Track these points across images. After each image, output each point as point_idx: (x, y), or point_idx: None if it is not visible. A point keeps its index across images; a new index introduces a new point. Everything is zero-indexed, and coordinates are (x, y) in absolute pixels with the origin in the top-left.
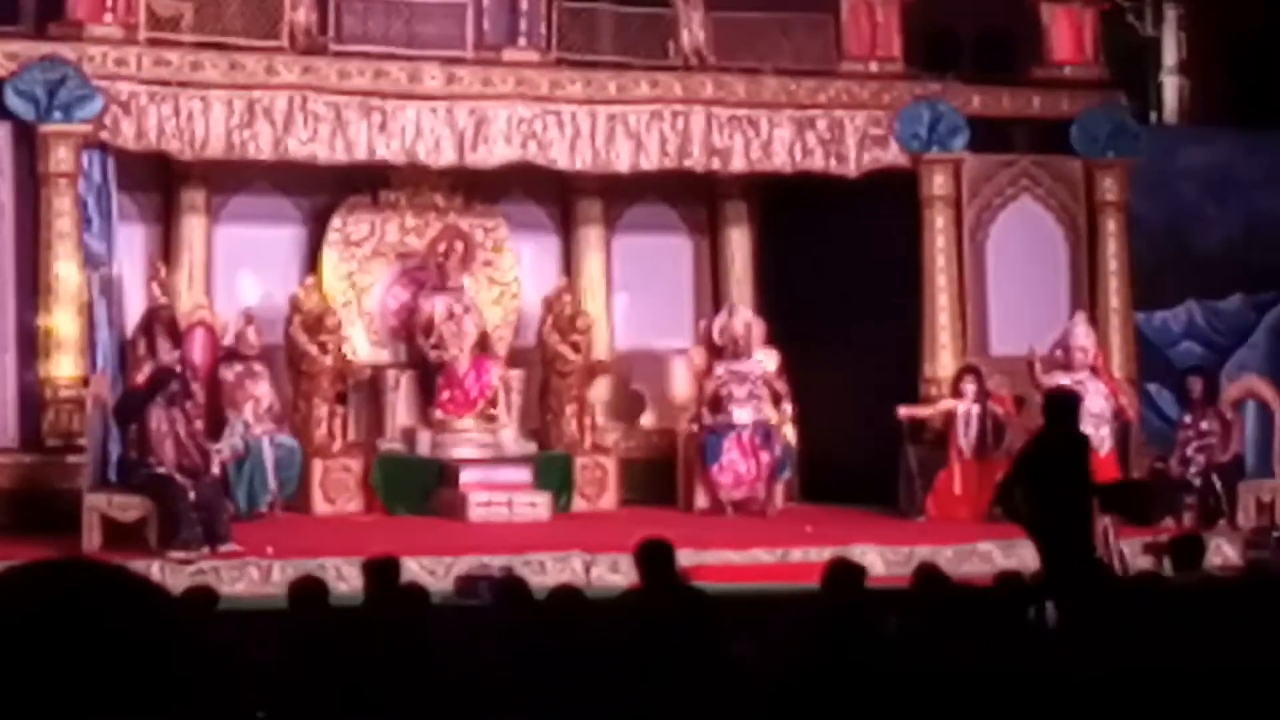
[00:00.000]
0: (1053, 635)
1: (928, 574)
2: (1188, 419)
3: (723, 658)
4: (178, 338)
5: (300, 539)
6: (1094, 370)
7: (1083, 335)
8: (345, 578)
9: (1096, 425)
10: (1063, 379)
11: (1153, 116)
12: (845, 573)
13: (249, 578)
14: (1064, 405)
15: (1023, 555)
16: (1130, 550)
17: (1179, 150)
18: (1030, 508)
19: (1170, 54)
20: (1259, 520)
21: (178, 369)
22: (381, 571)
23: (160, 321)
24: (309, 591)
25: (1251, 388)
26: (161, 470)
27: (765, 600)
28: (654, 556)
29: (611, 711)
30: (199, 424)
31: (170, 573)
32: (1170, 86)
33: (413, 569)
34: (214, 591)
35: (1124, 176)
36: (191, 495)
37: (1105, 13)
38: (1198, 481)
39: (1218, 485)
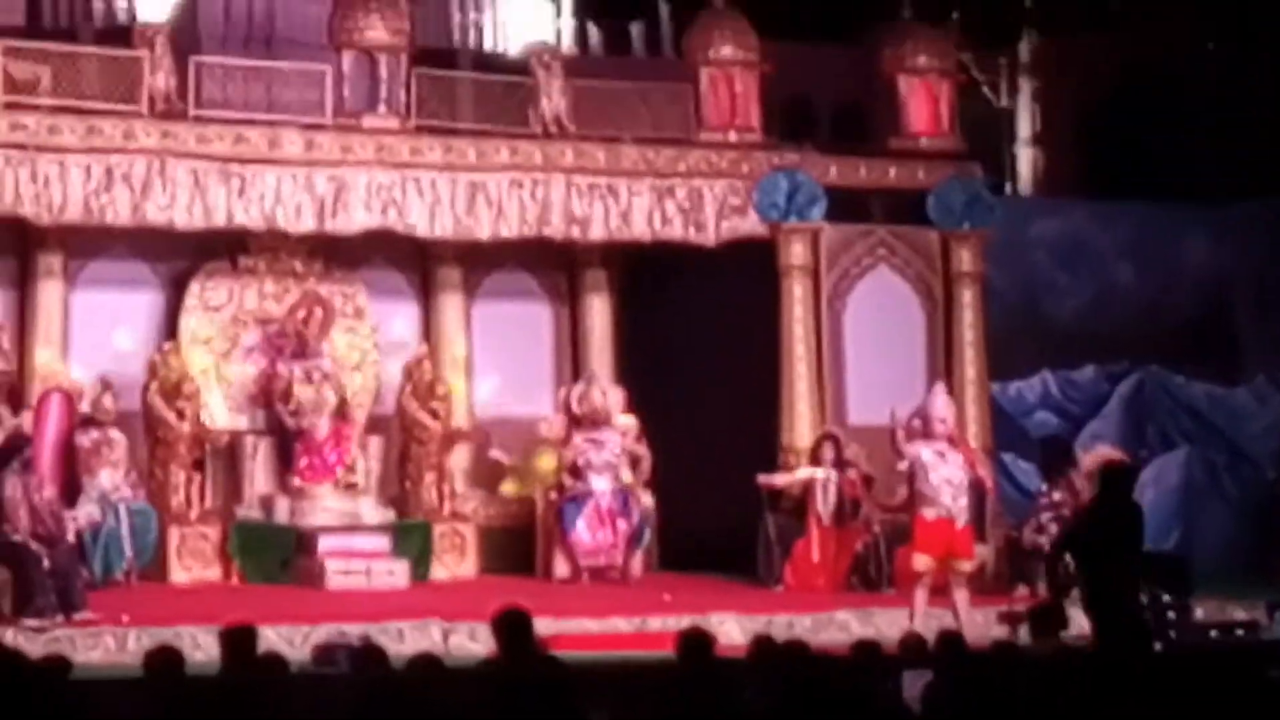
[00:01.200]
0: (908, 710)
1: (782, 646)
2: (1044, 488)
3: None
4: (18, 404)
5: (157, 607)
6: (951, 440)
7: (942, 405)
8: (202, 646)
9: (954, 496)
10: (923, 448)
11: (1007, 187)
12: (697, 643)
13: (104, 646)
14: (1121, 475)
15: (879, 624)
16: (985, 620)
17: (1033, 221)
18: (1084, 578)
19: (1025, 126)
20: None
21: (29, 435)
22: (238, 640)
23: (0, 388)
24: (165, 661)
25: (1104, 459)
26: (16, 538)
27: (623, 669)
28: (511, 626)
29: None
30: (51, 491)
31: (25, 640)
32: (1025, 158)
33: (270, 638)
34: (67, 660)
35: (979, 247)
36: (46, 563)
37: (961, 85)
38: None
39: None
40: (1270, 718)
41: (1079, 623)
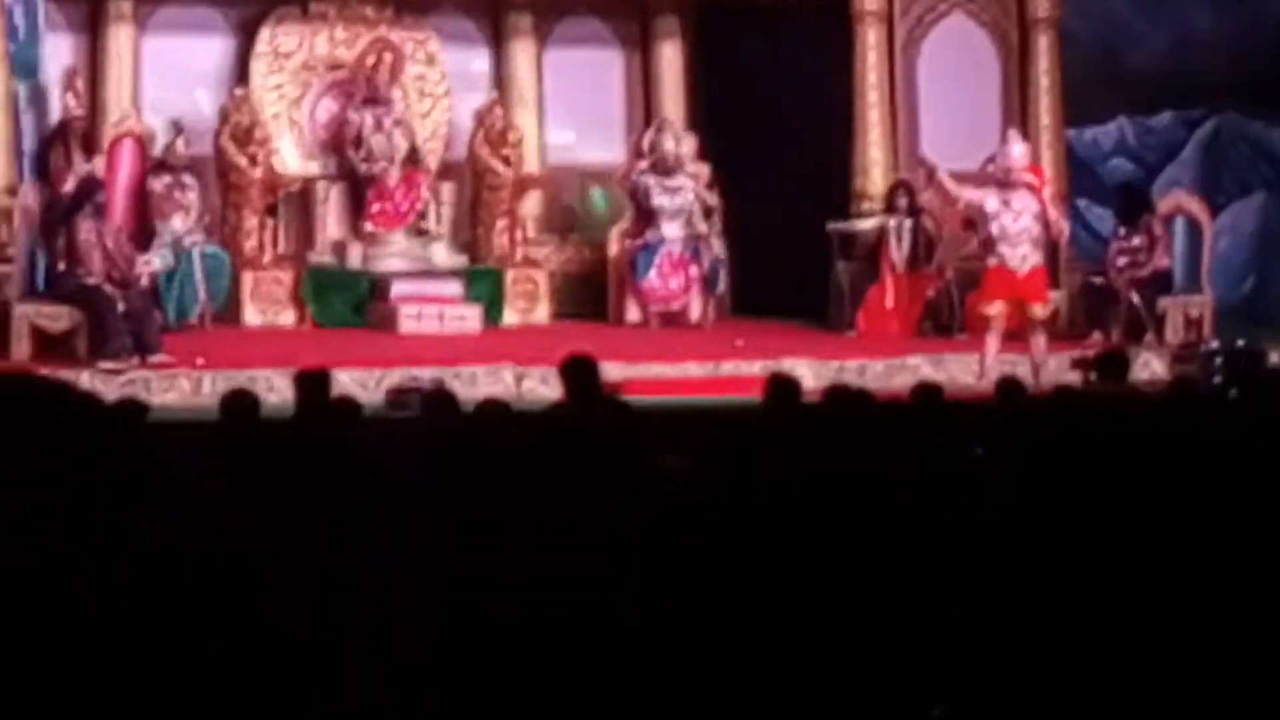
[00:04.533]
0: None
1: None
2: (1121, 232)
3: (649, 471)
4: (92, 149)
5: (231, 350)
6: (1030, 187)
7: (1022, 153)
8: (276, 389)
9: (1020, 242)
10: (989, 196)
11: None
12: (785, 387)
13: (179, 389)
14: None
15: (951, 370)
16: (1058, 365)
17: None
18: None
19: None
20: (1186, 336)
21: (102, 180)
22: (312, 384)
23: (74, 133)
24: (239, 404)
25: (1181, 204)
26: (90, 281)
27: (695, 414)
28: (578, 372)
29: (535, 522)
30: (124, 235)
31: (100, 383)
32: None
33: (344, 381)
34: (143, 403)
35: None
36: (121, 306)
37: None
38: (1134, 295)
39: (1136, 300)
40: None
41: (1153, 367)
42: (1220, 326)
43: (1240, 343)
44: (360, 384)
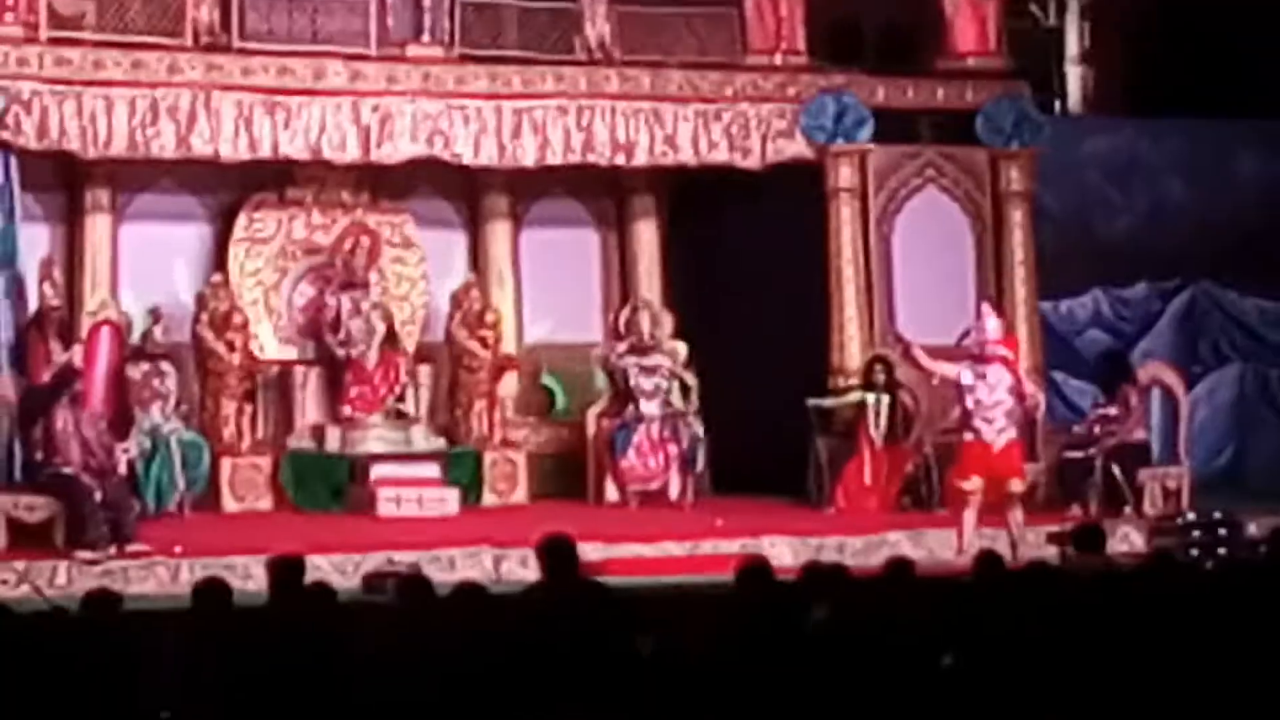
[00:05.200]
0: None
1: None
2: (1101, 400)
3: (628, 653)
4: (70, 338)
5: (209, 537)
6: (1005, 361)
7: (991, 327)
8: (254, 576)
9: (996, 417)
10: (964, 369)
11: (1057, 106)
12: (756, 571)
13: (157, 577)
14: None
15: (931, 545)
16: (1036, 539)
17: (1083, 139)
18: None
19: (1073, 43)
20: (1165, 507)
21: (79, 369)
22: (286, 571)
23: (51, 323)
24: (212, 593)
25: (1156, 375)
26: (67, 470)
27: (676, 594)
28: (555, 553)
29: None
30: (102, 424)
31: (77, 573)
32: (1073, 76)
33: (323, 566)
34: (117, 594)
35: (1029, 166)
36: (98, 495)
37: (1008, 4)
38: (1112, 467)
39: (1116, 471)
40: None
41: (1132, 540)
42: (1199, 497)
43: (1217, 514)
44: (338, 569)
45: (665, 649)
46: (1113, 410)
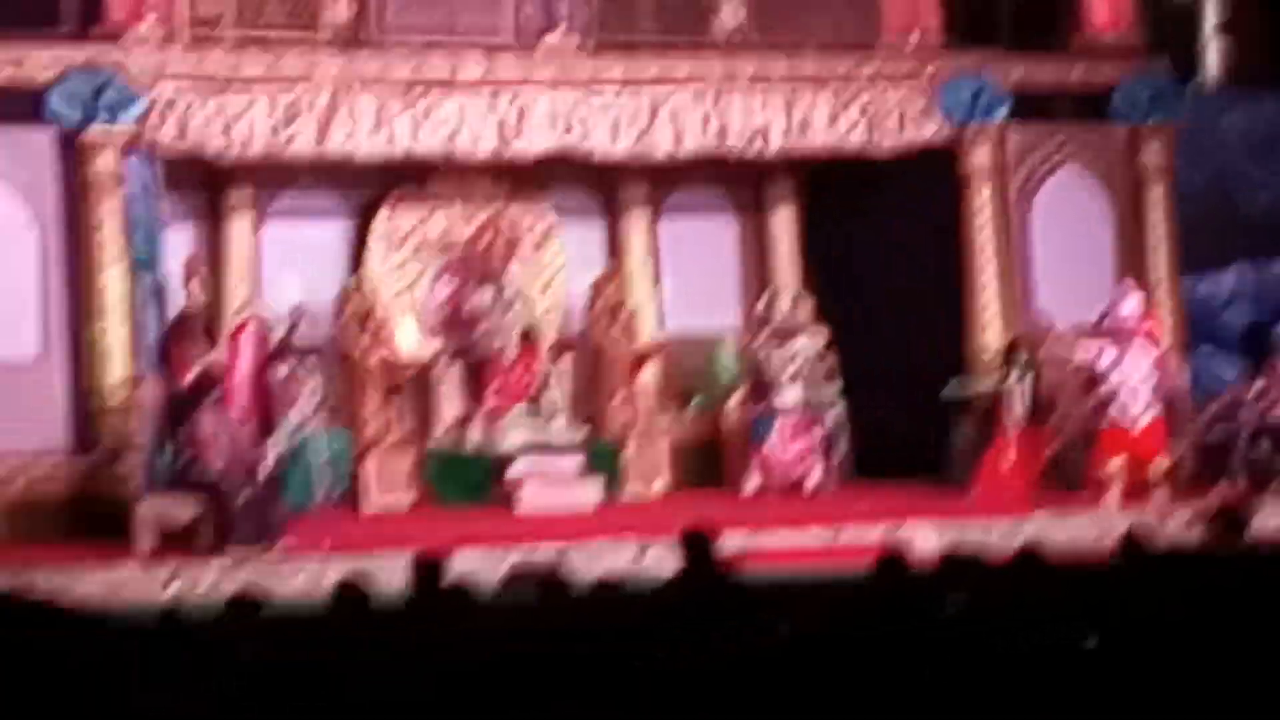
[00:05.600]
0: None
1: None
2: (1248, 376)
3: (766, 644)
4: (214, 339)
5: (354, 534)
6: (1145, 340)
7: (1135, 306)
8: (398, 573)
9: (1136, 397)
10: (1104, 350)
11: (1196, 79)
12: (891, 563)
13: (303, 577)
14: None
15: (1073, 528)
16: (1179, 520)
17: (1222, 113)
18: None
19: (1211, 14)
20: None
21: (223, 370)
22: (427, 570)
23: (195, 324)
24: (351, 594)
25: None
26: (212, 472)
27: (813, 585)
28: (695, 546)
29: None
30: (246, 424)
31: (224, 574)
32: (1212, 49)
33: (464, 562)
34: (258, 598)
35: (1168, 141)
36: (243, 496)
37: None
38: (1259, 442)
39: (1264, 446)
40: None
41: None
42: None
43: None
44: (480, 564)
45: (800, 639)
46: (1259, 384)
